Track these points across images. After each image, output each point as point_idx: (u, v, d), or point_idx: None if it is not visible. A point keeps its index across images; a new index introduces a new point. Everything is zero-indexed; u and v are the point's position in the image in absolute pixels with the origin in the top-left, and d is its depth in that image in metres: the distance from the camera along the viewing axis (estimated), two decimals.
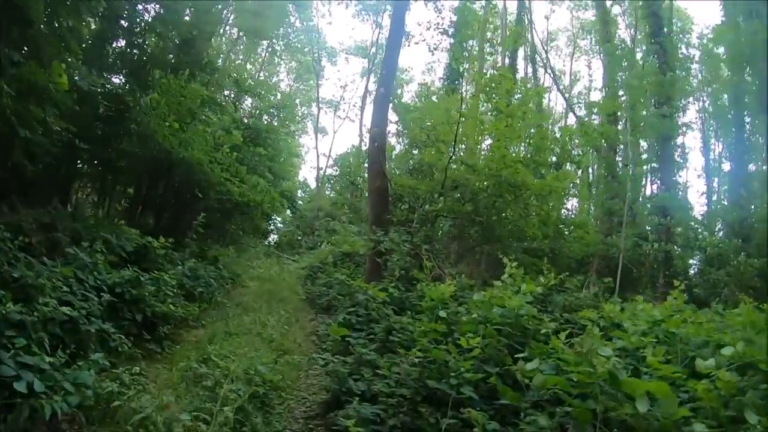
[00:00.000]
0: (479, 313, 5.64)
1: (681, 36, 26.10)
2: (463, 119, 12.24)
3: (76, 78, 8.56)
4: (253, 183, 12.97)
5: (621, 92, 22.44)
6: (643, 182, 25.73)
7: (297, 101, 34.22)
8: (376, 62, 29.66)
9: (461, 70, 22.74)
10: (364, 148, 24.68)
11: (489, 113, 15.32)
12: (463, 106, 13.35)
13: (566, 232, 16.23)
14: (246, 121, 17.22)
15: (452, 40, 20.47)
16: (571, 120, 28.39)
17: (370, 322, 7.19)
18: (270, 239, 23.52)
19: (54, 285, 5.46)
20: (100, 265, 6.35)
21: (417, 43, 18.81)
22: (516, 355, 4.98)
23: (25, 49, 7.53)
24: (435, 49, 19.41)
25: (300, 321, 9.53)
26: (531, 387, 3.98)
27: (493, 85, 13.47)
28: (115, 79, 11.11)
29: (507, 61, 25.43)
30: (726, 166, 26.29)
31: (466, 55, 23.68)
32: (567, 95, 31.06)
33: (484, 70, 22.93)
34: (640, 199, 23.93)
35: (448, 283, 6.63)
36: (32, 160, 7.80)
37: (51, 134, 7.58)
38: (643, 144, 24.81)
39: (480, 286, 9.95)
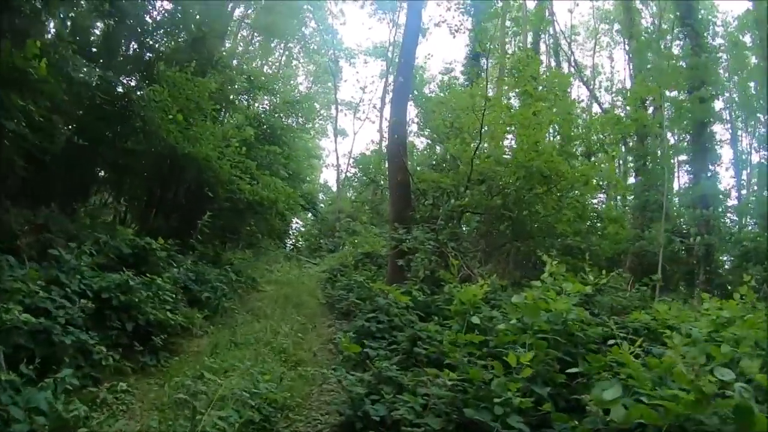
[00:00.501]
0: (519, 318, 4.77)
1: (706, 26, 24.69)
2: (489, 106, 11.26)
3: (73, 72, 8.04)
4: (266, 181, 12.29)
5: (650, 78, 21.10)
6: (671, 175, 24.29)
7: (316, 104, 33.57)
8: (393, 62, 28.84)
9: (483, 51, 21.67)
10: (384, 143, 23.91)
11: (515, 98, 14.34)
12: (489, 91, 12.37)
13: (599, 228, 15.15)
14: (260, 119, 16.56)
15: (473, 20, 19.59)
16: (595, 110, 27.07)
17: (392, 330, 6.32)
18: (290, 242, 22.99)
19: (30, 290, 4.81)
20: (83, 268, 5.66)
21: (438, 25, 18.15)
22: (567, 370, 4.13)
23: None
24: (456, 31, 18.61)
25: (317, 327, 8.76)
26: (591, 413, 3.12)
27: (520, 67, 12.50)
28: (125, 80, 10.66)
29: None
30: (755, 158, 24.78)
31: (490, 35, 22.55)
32: (591, 85, 29.80)
33: (508, 56, 21.83)
34: (671, 192, 22.58)
35: (480, 283, 5.74)
36: (22, 156, 7.23)
37: (37, 128, 6.96)
38: (669, 135, 23.45)
39: (512, 287, 9.05)
